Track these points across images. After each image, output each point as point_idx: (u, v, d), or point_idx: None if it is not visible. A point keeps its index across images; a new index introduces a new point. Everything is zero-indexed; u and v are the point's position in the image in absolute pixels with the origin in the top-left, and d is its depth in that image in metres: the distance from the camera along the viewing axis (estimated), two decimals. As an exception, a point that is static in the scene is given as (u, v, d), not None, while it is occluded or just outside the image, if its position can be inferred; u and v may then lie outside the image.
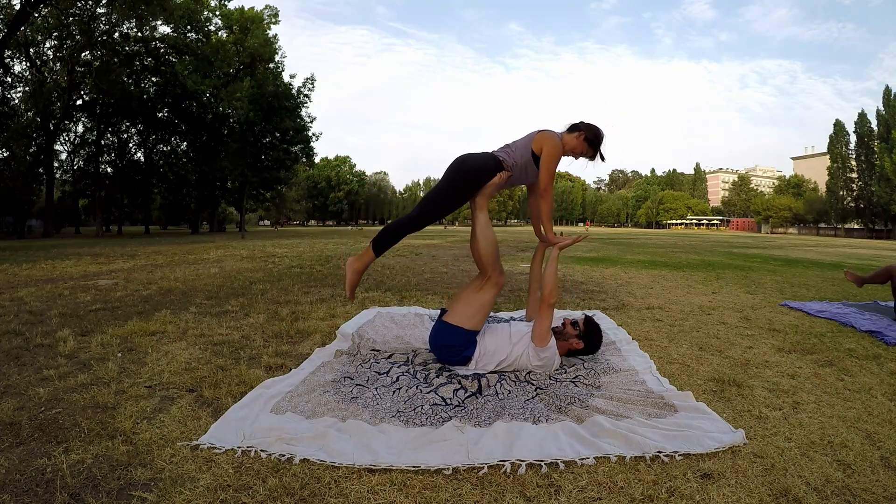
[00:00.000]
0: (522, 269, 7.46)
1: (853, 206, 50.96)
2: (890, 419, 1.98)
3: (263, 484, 1.44)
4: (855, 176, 50.63)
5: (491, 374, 2.36)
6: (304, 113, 32.60)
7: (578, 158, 2.55)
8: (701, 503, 1.38)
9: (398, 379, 2.29)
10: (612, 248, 14.02)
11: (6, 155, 22.82)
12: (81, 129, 28.95)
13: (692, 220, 73.73)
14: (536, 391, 2.19)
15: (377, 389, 2.17)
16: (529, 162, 2.46)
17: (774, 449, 1.70)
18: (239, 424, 1.77)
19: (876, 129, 46.49)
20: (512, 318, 3.50)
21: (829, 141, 53.31)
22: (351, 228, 45.75)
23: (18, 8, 19.04)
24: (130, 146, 30.88)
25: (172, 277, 6.06)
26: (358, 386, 2.20)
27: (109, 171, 30.10)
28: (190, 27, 26.09)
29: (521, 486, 1.46)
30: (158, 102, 28.13)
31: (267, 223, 68.97)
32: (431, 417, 1.90)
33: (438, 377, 2.30)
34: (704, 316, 4.05)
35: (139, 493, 1.39)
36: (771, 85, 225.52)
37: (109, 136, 29.32)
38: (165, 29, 25.03)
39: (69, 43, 22.51)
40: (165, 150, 32.11)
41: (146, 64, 26.36)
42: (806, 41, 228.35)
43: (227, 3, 27.44)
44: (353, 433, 1.73)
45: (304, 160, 35.41)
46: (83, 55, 23.18)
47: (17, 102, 23.63)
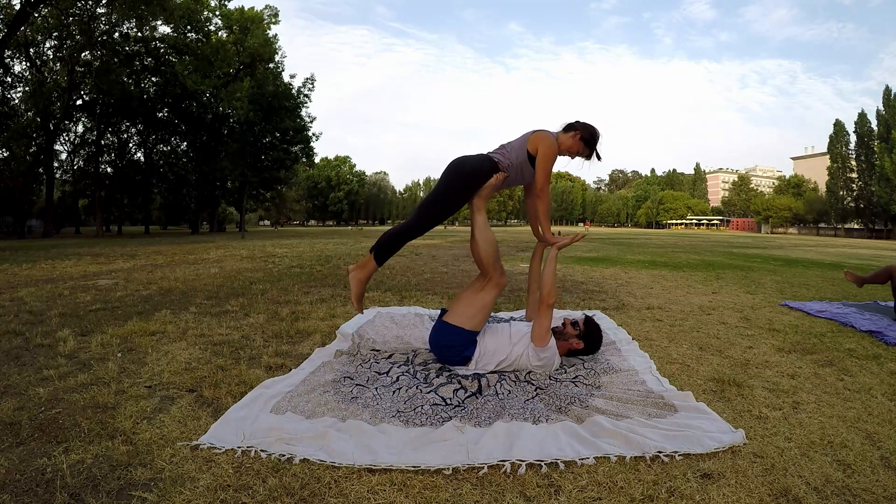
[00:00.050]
0: (522, 268, 7.46)
1: (853, 206, 50.96)
2: (890, 419, 1.98)
3: (263, 484, 1.44)
4: (855, 176, 50.64)
5: (491, 374, 2.36)
6: (304, 113, 32.67)
7: (574, 158, 2.54)
8: (701, 503, 1.38)
9: (398, 379, 2.29)
10: (611, 248, 14.03)
11: (6, 155, 22.83)
12: (81, 129, 28.99)
13: (692, 220, 73.72)
14: (536, 391, 2.18)
15: (377, 389, 2.17)
16: (525, 162, 2.45)
17: (774, 449, 1.70)
18: (239, 424, 1.77)
19: (876, 129, 46.50)
20: (512, 318, 3.50)
21: (829, 141, 53.33)
22: (351, 228, 45.77)
23: (18, 8, 19.05)
24: (130, 146, 30.90)
25: (172, 277, 6.06)
26: (358, 386, 2.20)
27: (109, 171, 30.11)
28: (190, 27, 26.11)
29: (521, 486, 1.46)
30: (158, 102, 28.13)
31: (267, 223, 68.94)
32: (431, 417, 1.90)
33: (438, 377, 2.30)
34: (704, 316, 4.05)
35: (139, 493, 1.39)
36: (771, 85, 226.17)
37: (109, 136, 29.33)
38: (165, 29, 25.08)
39: (69, 43, 22.52)
40: (165, 150, 32.13)
41: (146, 64, 26.37)
42: (806, 41, 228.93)
43: (227, 3, 27.47)
44: (353, 433, 1.73)
45: (304, 160, 35.44)
46: (83, 55, 23.19)
47: (17, 102, 23.64)
